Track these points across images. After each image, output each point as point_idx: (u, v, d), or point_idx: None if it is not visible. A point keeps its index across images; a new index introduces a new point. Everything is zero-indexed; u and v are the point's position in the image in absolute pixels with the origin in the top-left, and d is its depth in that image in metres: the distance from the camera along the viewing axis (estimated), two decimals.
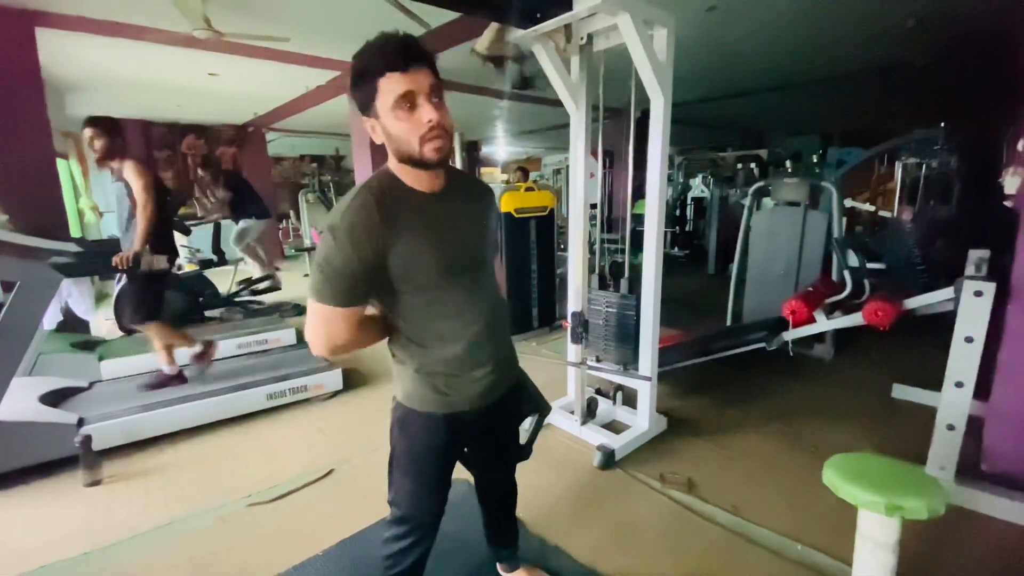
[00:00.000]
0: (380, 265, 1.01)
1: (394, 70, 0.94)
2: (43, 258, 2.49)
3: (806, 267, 3.85)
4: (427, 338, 1.13)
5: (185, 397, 2.83)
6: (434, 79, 0.98)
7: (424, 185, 1.06)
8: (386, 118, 0.98)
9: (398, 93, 0.94)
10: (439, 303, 1.10)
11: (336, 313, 1.02)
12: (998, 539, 1.89)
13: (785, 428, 2.75)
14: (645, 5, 2.11)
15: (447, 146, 1.00)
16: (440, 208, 1.08)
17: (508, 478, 1.53)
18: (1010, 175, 2.22)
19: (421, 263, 1.04)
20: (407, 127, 0.97)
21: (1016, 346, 2.08)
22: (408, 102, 0.96)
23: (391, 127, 0.98)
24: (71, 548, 1.90)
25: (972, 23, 4.33)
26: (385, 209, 1.00)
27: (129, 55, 4.74)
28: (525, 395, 1.38)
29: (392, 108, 0.96)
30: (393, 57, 0.94)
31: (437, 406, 1.16)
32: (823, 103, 8.12)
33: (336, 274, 0.99)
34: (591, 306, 2.80)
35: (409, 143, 0.98)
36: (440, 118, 0.97)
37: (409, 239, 1.01)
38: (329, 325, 1.04)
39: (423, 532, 1.27)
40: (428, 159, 0.99)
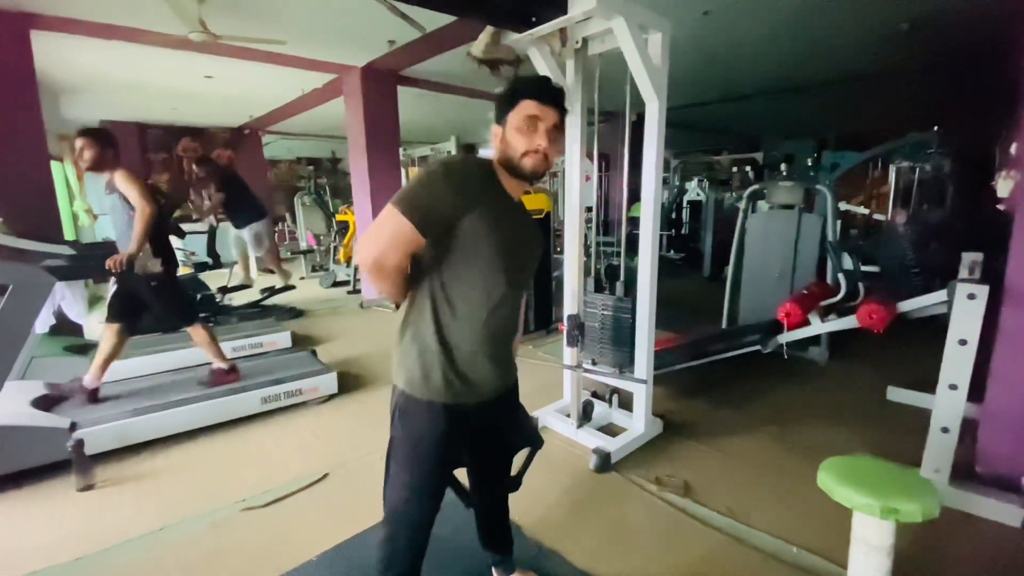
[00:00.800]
0: (455, 219, 1.11)
1: (534, 99, 1.15)
2: (36, 261, 2.47)
3: (801, 270, 3.87)
4: (450, 314, 1.18)
5: (178, 401, 2.82)
6: (559, 120, 1.18)
7: (510, 188, 1.22)
8: (511, 128, 1.16)
9: (528, 114, 1.14)
10: (477, 286, 1.17)
11: (407, 228, 1.07)
12: (992, 541, 1.90)
13: (780, 431, 2.75)
14: (640, 9, 2.12)
15: (540, 167, 1.17)
16: (513, 212, 1.23)
17: (502, 482, 1.53)
18: (1002, 179, 2.24)
19: (482, 246, 1.14)
20: (522, 140, 1.15)
21: (1010, 348, 2.09)
22: (532, 125, 1.14)
23: (510, 135, 1.16)
24: (63, 553, 1.88)
25: (964, 28, 4.37)
26: (482, 181, 1.17)
27: (124, 58, 4.73)
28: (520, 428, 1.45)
29: (519, 122, 1.15)
30: (540, 90, 1.16)
31: (439, 395, 1.19)
32: (818, 107, 8.17)
33: (425, 195, 1.09)
34: (587, 309, 2.80)
35: (515, 150, 1.16)
36: (547, 147, 1.15)
37: (484, 215, 1.13)
38: (393, 236, 1.08)
39: (415, 531, 1.27)
40: (522, 168, 1.16)
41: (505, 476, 1.53)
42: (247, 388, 3.01)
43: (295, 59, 5.01)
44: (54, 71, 5.09)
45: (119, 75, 5.45)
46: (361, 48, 4.84)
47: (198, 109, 7.47)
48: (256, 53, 4.61)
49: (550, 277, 4.57)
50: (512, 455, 1.49)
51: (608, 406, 2.92)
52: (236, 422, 2.92)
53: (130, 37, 4.14)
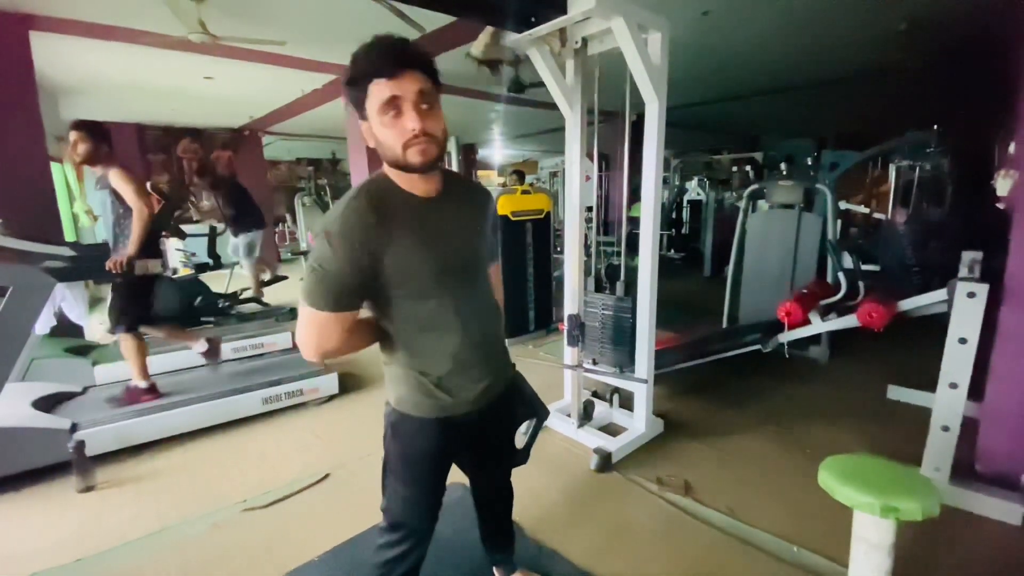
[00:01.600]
0: (374, 269, 1.00)
1: (381, 76, 0.94)
2: (36, 262, 2.47)
3: (801, 269, 3.87)
4: (420, 342, 1.12)
5: (180, 402, 2.82)
6: (424, 84, 0.97)
7: (419, 189, 1.06)
8: (374, 122, 0.99)
9: (383, 99, 0.95)
10: (433, 307, 1.09)
11: (328, 318, 1.01)
12: (993, 539, 1.90)
13: (781, 430, 2.76)
14: (639, 9, 2.12)
15: (433, 151, 1.00)
16: (435, 212, 1.08)
17: (504, 482, 1.53)
18: (1002, 177, 2.24)
19: (415, 267, 1.04)
20: (392, 133, 0.97)
21: (1009, 347, 2.09)
22: (394, 108, 0.96)
23: (378, 132, 0.99)
24: (64, 555, 1.89)
25: (963, 27, 4.37)
26: (380, 213, 1.00)
27: (124, 59, 4.73)
28: (521, 399, 1.37)
29: (379, 113, 0.97)
30: (380, 62, 0.95)
31: (431, 410, 1.16)
32: (817, 106, 8.17)
33: (329, 278, 0.98)
34: (587, 309, 2.80)
35: (393, 148, 0.99)
36: (425, 125, 0.97)
37: (403, 243, 1.01)
38: (321, 329, 1.03)
39: (417, 539, 1.26)
40: (411, 164, 0.99)
41: (502, 476, 1.52)
42: (248, 389, 3.01)
43: (295, 60, 5.01)
44: (53, 72, 5.09)
45: (118, 76, 5.45)
46: None
47: (198, 110, 7.47)
48: (256, 54, 4.61)
49: (550, 277, 4.57)
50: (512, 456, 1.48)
51: (609, 406, 2.92)
52: (237, 423, 2.92)
53: (130, 38, 4.14)
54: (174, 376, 3.37)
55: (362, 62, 0.96)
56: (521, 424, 1.40)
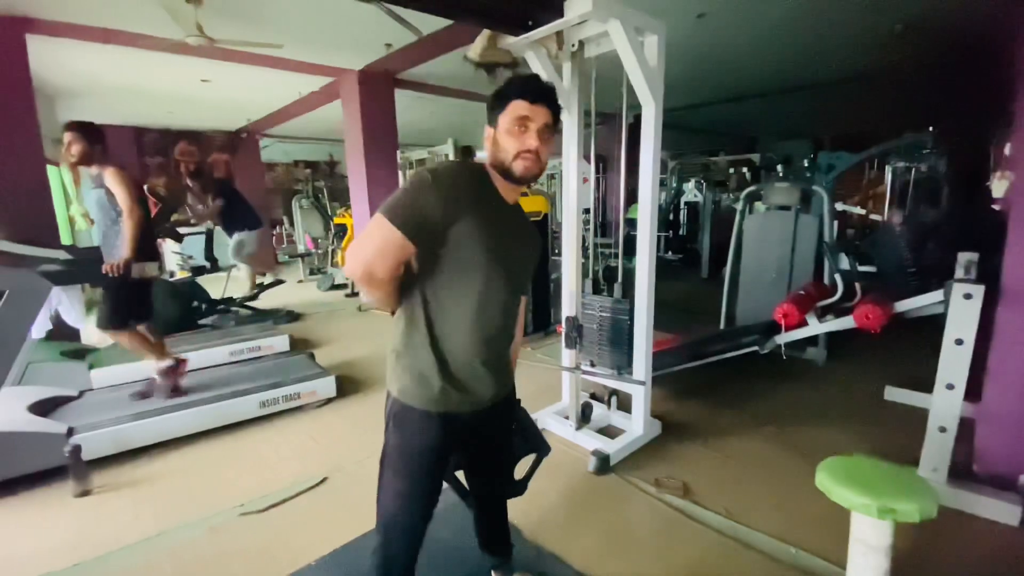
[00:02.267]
0: (445, 226, 1.09)
1: (524, 98, 1.13)
2: (32, 266, 2.46)
3: (798, 270, 3.88)
4: (444, 322, 1.17)
5: (176, 406, 2.81)
6: (550, 120, 1.15)
7: (504, 192, 1.21)
8: (502, 130, 1.15)
9: (518, 115, 1.13)
10: (469, 293, 1.16)
11: (393, 235, 1.06)
12: (991, 540, 1.90)
13: (778, 431, 2.76)
14: (635, 12, 2.13)
15: (534, 169, 1.15)
16: (507, 216, 1.21)
17: (501, 484, 1.53)
18: (998, 179, 2.25)
19: (473, 248, 1.12)
20: (513, 141, 1.14)
21: (1006, 348, 2.10)
22: (522, 126, 1.13)
23: (502, 137, 1.15)
24: (60, 559, 1.87)
25: (958, 30, 4.39)
26: (472, 186, 1.14)
27: (120, 62, 4.73)
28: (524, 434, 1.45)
29: (509, 124, 1.14)
30: (528, 89, 1.14)
31: (434, 404, 1.18)
32: (813, 108, 8.20)
33: (413, 203, 1.07)
34: (585, 311, 2.80)
35: (507, 153, 1.14)
36: (539, 148, 1.14)
37: (477, 221, 1.12)
38: (381, 245, 1.07)
39: (409, 538, 1.27)
40: (514, 171, 1.15)
41: (502, 479, 1.52)
42: (245, 392, 3.01)
43: (292, 63, 5.01)
44: (50, 75, 5.08)
45: (115, 79, 5.44)
46: (358, 51, 4.85)
47: (195, 113, 7.46)
48: (253, 57, 4.61)
49: (548, 279, 4.57)
50: (510, 459, 1.49)
51: (607, 408, 2.92)
52: (234, 426, 2.91)
53: (127, 41, 4.14)
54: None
55: (515, 84, 1.16)
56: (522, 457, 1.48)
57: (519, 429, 1.44)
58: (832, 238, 3.81)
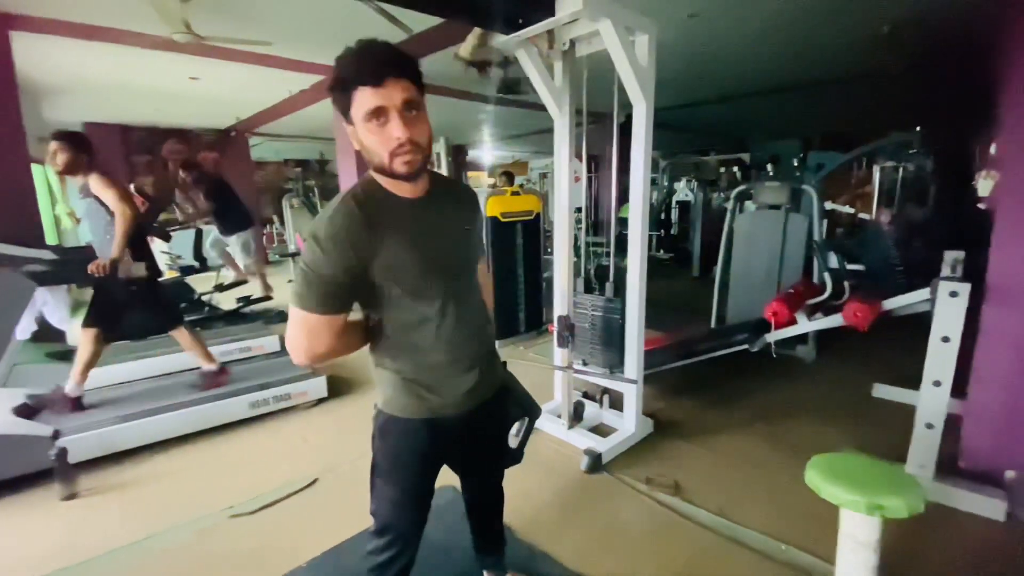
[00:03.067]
0: (363, 271, 1.01)
1: (366, 84, 0.93)
2: (17, 266, 2.43)
3: (788, 269, 3.91)
4: (410, 343, 1.13)
5: (165, 407, 2.77)
6: (410, 92, 0.97)
7: (406, 191, 1.07)
8: (360, 129, 0.99)
9: (369, 108, 0.94)
10: (423, 307, 1.10)
11: (319, 320, 1.02)
12: (977, 535, 1.93)
13: (769, 428, 2.78)
14: (626, 11, 2.13)
15: (418, 160, 1.00)
16: (423, 214, 1.09)
17: (496, 483, 1.52)
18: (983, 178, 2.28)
19: (404, 267, 1.04)
20: (378, 140, 0.97)
21: (991, 345, 2.13)
22: (379, 116, 0.95)
23: (364, 138, 0.99)
24: (47, 564, 1.85)
25: (945, 31, 4.44)
26: (368, 215, 1.00)
27: (107, 59, 4.66)
28: (513, 399, 1.37)
29: (364, 120, 0.96)
30: (366, 70, 0.94)
31: (418, 411, 1.16)
32: (803, 108, 8.27)
33: (319, 281, 0.99)
34: (577, 310, 2.81)
35: (380, 155, 0.99)
36: (411, 134, 0.96)
37: (392, 245, 1.02)
38: (311, 332, 1.03)
39: (405, 542, 1.26)
40: (397, 173, 1.00)
41: (494, 478, 1.51)
42: (235, 393, 2.98)
43: (281, 60, 4.97)
44: (35, 73, 5.00)
45: (102, 76, 5.37)
46: None
47: (183, 111, 7.38)
48: (242, 54, 4.56)
49: (540, 278, 4.57)
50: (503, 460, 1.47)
51: (599, 406, 2.93)
52: (224, 427, 2.89)
53: (113, 38, 4.08)
54: (159, 381, 3.32)
55: (347, 68, 0.95)
56: (513, 424, 1.40)
57: (507, 393, 1.36)
58: (821, 237, 3.84)
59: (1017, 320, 2.05)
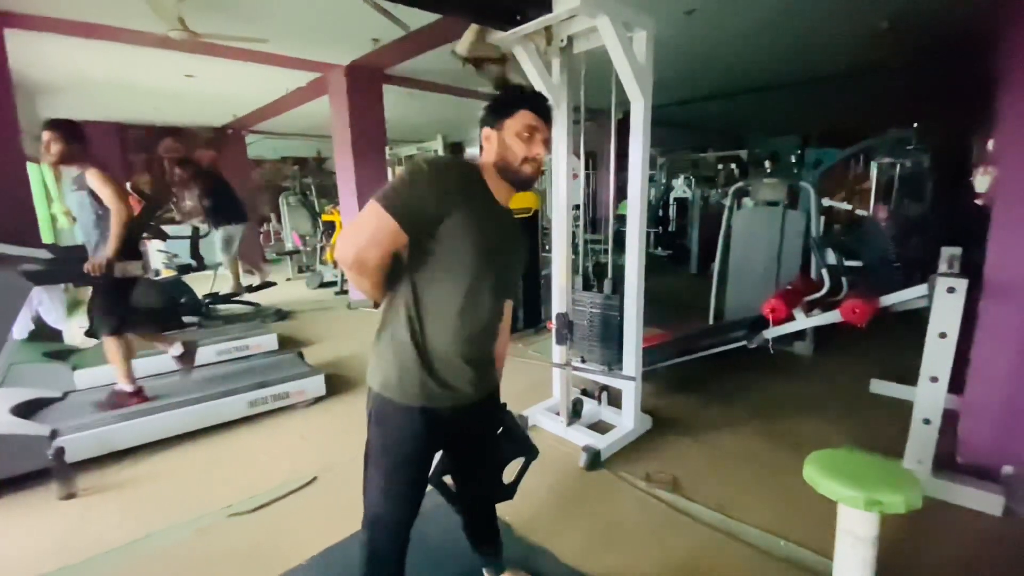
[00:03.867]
0: (438, 219, 1.09)
1: (535, 112, 1.19)
2: (12, 265, 2.42)
3: (785, 265, 3.91)
4: (429, 317, 1.17)
5: (163, 407, 2.77)
6: (549, 136, 1.23)
7: (499, 194, 1.22)
8: (508, 134, 1.18)
9: (529, 124, 1.18)
10: (461, 286, 1.15)
11: (388, 222, 1.05)
12: (975, 530, 1.94)
13: (767, 425, 2.78)
14: (624, 8, 2.13)
15: (535, 175, 1.21)
16: (499, 217, 1.22)
17: (487, 486, 1.52)
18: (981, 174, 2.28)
19: (463, 244, 1.12)
20: (521, 147, 1.18)
21: (988, 341, 2.13)
22: (530, 135, 1.18)
23: (510, 141, 1.18)
24: (45, 563, 1.84)
25: (943, 27, 4.44)
26: (466, 182, 1.16)
27: (103, 56, 4.64)
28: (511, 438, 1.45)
29: (518, 131, 1.18)
30: (538, 104, 1.20)
31: (415, 398, 1.18)
32: (801, 104, 8.27)
33: (409, 192, 1.08)
34: (575, 307, 2.81)
35: (516, 156, 1.18)
36: (542, 156, 1.20)
37: (469, 218, 1.12)
38: (375, 229, 1.06)
39: (394, 533, 1.28)
40: (520, 173, 1.19)
41: (488, 477, 1.51)
42: (233, 392, 2.97)
43: (278, 58, 4.95)
44: (30, 71, 4.97)
45: (98, 74, 5.34)
46: (345, 46, 4.80)
47: (180, 108, 7.35)
48: (238, 52, 4.54)
49: (539, 275, 4.57)
50: (497, 459, 1.48)
51: (597, 403, 2.93)
52: (222, 426, 2.88)
53: (109, 35, 4.06)
54: (159, 379, 3.31)
55: (527, 96, 1.21)
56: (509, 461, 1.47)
57: (506, 432, 1.44)
58: (819, 233, 3.84)
59: (1015, 316, 2.05)
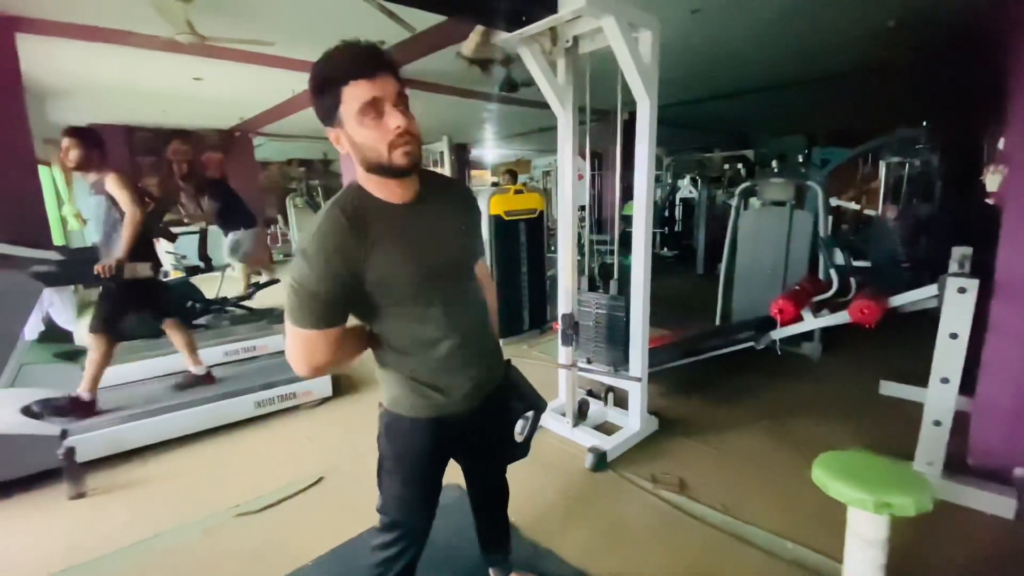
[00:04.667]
0: (356, 282, 0.99)
1: (360, 77, 0.93)
2: (24, 267, 2.45)
3: (793, 266, 3.89)
4: (411, 346, 1.12)
5: (171, 406, 2.79)
6: (400, 86, 0.97)
7: (395, 196, 1.05)
8: (351, 126, 0.96)
9: (364, 100, 0.93)
10: (420, 312, 1.09)
11: (315, 335, 1.00)
12: (986, 533, 1.91)
13: (775, 426, 2.77)
14: (629, 8, 2.12)
15: (417, 152, 0.99)
16: (414, 218, 1.06)
17: (501, 479, 1.52)
18: (991, 173, 2.25)
19: (398, 276, 1.02)
20: (375, 134, 0.95)
21: (1000, 341, 2.11)
22: (375, 109, 0.94)
23: (357, 135, 0.96)
24: (55, 562, 1.86)
25: (951, 25, 4.40)
26: (356, 225, 0.98)
27: (112, 60, 4.68)
28: (518, 393, 1.36)
29: (358, 115, 0.94)
30: (359, 64, 0.94)
31: (424, 410, 1.16)
32: (807, 103, 8.21)
33: (311, 297, 0.97)
34: (581, 308, 2.80)
35: (377, 150, 0.96)
36: (408, 124, 0.96)
37: (383, 252, 1.00)
38: (308, 347, 1.01)
39: (412, 538, 1.26)
40: (398, 165, 0.97)
41: (500, 471, 1.51)
42: (240, 392, 2.99)
43: (284, 60, 4.97)
44: (40, 74, 5.03)
45: (107, 78, 5.39)
46: None
47: (187, 111, 7.40)
48: (245, 54, 4.57)
49: (544, 276, 4.57)
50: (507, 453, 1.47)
51: (603, 404, 2.92)
52: (229, 427, 2.90)
53: (117, 39, 4.10)
54: (164, 380, 3.33)
55: (335, 66, 0.95)
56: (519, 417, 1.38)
57: (513, 388, 1.36)
58: (827, 233, 3.81)
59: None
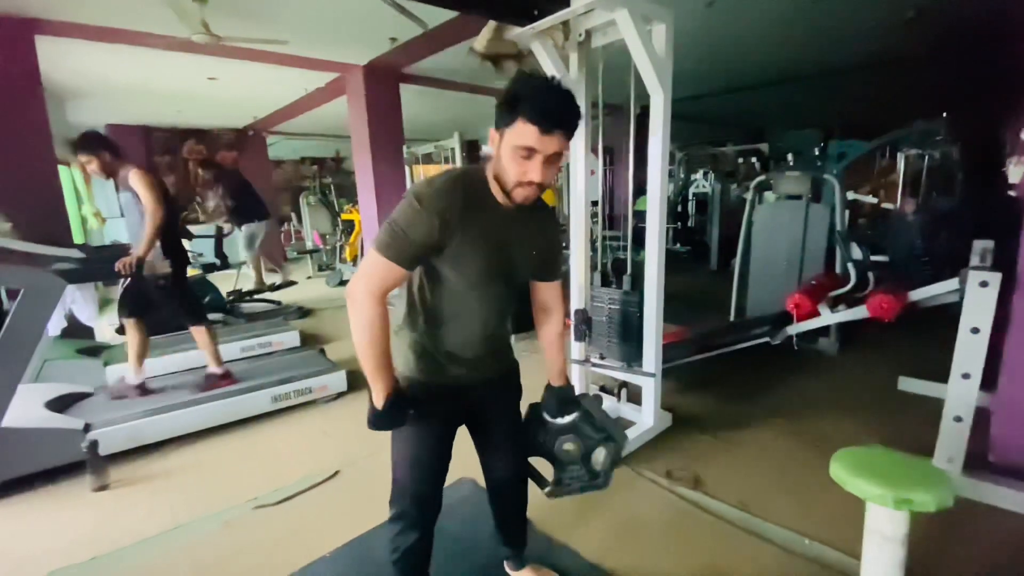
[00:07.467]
0: (441, 242, 1.10)
1: (535, 124, 1.00)
2: (47, 265, 2.50)
3: (809, 261, 3.84)
4: (444, 320, 1.23)
5: (190, 401, 2.84)
6: (562, 146, 1.05)
7: (502, 199, 1.16)
8: (506, 146, 1.06)
9: (525, 144, 1.02)
10: (468, 297, 1.21)
11: (390, 268, 1.09)
12: (1008, 530, 1.88)
13: (791, 423, 2.74)
14: (643, 1, 2.10)
15: (534, 197, 1.11)
16: (504, 224, 1.18)
17: (513, 472, 1.52)
18: (1014, 164, 2.21)
19: (469, 261, 1.14)
20: (515, 168, 1.06)
21: (1022, 336, 2.06)
22: (528, 152, 1.03)
23: (504, 155, 1.07)
24: (79, 553, 1.91)
25: (972, 13, 4.30)
26: (467, 201, 1.10)
27: (128, 61, 4.76)
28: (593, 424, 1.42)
29: (513, 148, 1.04)
30: (543, 114, 1.00)
31: (435, 375, 1.26)
32: (823, 96, 8.08)
33: (404, 236, 1.08)
34: (594, 303, 2.80)
35: (508, 177, 1.08)
36: (542, 179, 1.06)
37: (471, 235, 1.12)
38: (379, 272, 1.10)
39: (420, 506, 1.31)
40: (513, 198, 1.11)
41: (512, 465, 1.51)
42: (257, 387, 3.03)
43: (297, 59, 5.02)
44: (59, 76, 5.12)
45: (124, 79, 5.47)
46: (363, 46, 4.84)
47: (202, 111, 7.50)
48: (259, 54, 4.62)
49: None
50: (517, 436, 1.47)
51: (617, 400, 2.92)
52: (247, 421, 2.94)
53: (134, 40, 4.16)
54: (183, 375, 3.39)
55: (528, 100, 1.01)
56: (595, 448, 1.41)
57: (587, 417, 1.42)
58: (844, 227, 3.75)
59: None
